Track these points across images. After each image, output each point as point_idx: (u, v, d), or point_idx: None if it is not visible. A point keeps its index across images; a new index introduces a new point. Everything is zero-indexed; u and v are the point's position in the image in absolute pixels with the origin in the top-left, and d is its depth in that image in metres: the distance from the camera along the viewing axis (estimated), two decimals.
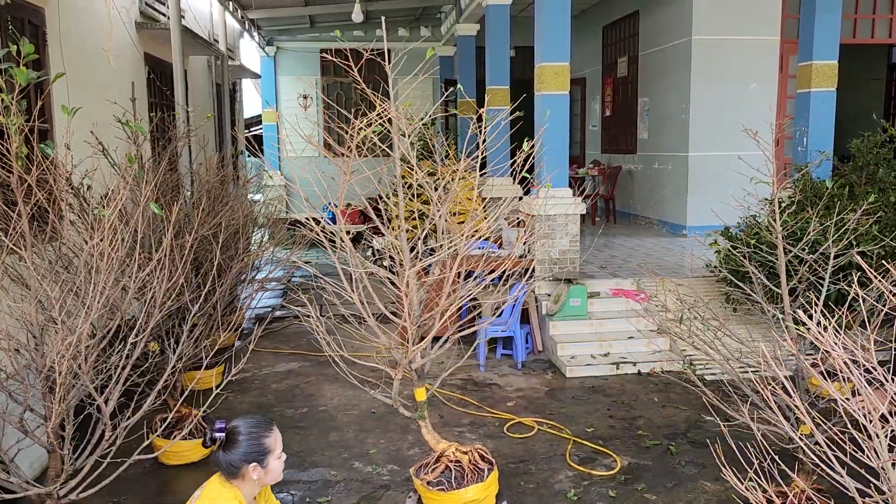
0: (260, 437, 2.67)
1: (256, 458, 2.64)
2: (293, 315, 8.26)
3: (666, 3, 10.57)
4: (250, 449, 2.63)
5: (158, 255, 3.43)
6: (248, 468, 2.63)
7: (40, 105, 3.63)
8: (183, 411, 4.65)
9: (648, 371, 6.36)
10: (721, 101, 9.93)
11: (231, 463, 2.62)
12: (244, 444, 2.63)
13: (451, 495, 3.67)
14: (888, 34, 11.10)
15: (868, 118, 8.74)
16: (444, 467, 3.80)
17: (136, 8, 7.59)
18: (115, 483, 3.29)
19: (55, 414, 3.02)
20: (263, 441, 2.67)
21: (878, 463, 1.69)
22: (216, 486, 2.65)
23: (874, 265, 3.06)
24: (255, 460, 2.63)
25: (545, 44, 7.24)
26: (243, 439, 2.63)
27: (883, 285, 1.99)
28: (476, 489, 3.70)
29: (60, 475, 3.14)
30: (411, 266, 3.60)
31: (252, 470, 2.63)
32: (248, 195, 7.71)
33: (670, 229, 10.67)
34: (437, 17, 14.17)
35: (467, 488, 3.68)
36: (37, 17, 5.27)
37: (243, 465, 2.62)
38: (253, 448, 2.64)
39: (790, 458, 3.42)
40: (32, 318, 3.13)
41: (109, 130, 5.34)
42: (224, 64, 11.12)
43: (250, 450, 2.63)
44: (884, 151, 6.96)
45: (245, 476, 2.64)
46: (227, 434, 2.65)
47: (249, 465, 2.63)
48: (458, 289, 3.83)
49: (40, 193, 3.30)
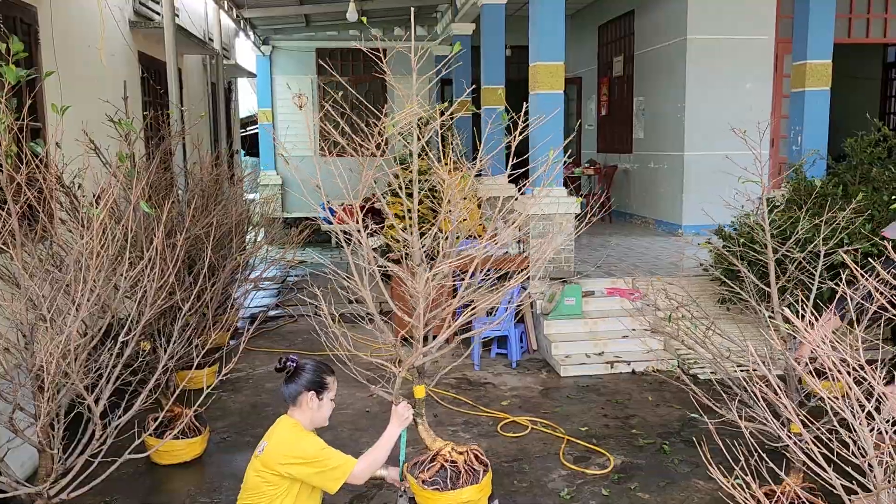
0: (322, 373, 3.09)
1: (315, 388, 3.04)
2: (288, 315, 8.26)
3: (661, 3, 10.58)
4: (313, 378, 3.05)
5: (149, 254, 3.43)
6: (306, 396, 3.02)
7: (30, 103, 3.62)
8: (175, 410, 4.64)
9: (643, 370, 6.37)
10: (716, 101, 9.93)
11: (295, 390, 3.03)
12: (308, 374, 3.05)
13: (447, 495, 3.67)
14: (883, 34, 11.12)
15: (862, 117, 8.75)
16: (439, 466, 3.79)
17: (129, 7, 7.57)
18: (106, 482, 3.28)
19: (45, 413, 3.02)
20: (325, 377, 3.10)
21: (864, 461, 1.69)
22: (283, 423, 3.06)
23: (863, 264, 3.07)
24: (314, 389, 3.04)
25: (540, 43, 7.24)
26: (307, 371, 3.06)
27: (870, 283, 1.99)
28: (471, 491, 3.68)
29: (51, 475, 3.13)
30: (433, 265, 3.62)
31: (310, 399, 3.03)
32: (242, 194, 7.70)
33: (666, 228, 10.68)
34: (433, 16, 14.16)
35: (462, 490, 3.67)
36: (29, 15, 5.25)
37: (303, 391, 3.02)
38: (315, 378, 3.05)
39: (781, 457, 3.43)
40: (22, 317, 3.12)
41: (102, 129, 5.33)
42: (219, 63, 11.10)
43: (312, 378, 3.04)
44: (877, 150, 6.97)
45: (303, 405, 3.04)
46: (297, 367, 3.06)
47: (308, 393, 3.02)
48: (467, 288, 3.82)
49: (30, 192, 3.28)
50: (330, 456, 2.99)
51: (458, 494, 3.65)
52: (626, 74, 12.13)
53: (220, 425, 5.23)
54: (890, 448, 1.75)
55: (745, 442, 2.74)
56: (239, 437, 5.08)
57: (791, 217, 5.72)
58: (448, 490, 3.66)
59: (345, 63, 15.20)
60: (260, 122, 15.73)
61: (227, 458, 4.77)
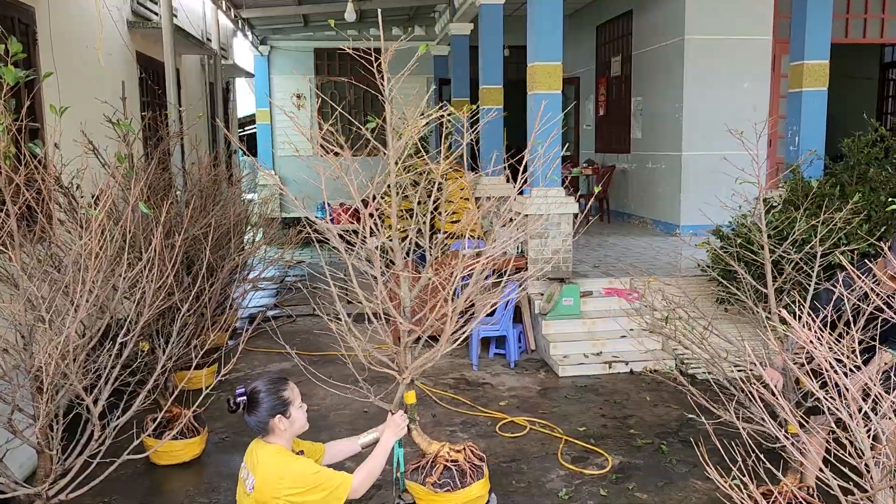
0: (278, 392, 2.90)
1: (279, 411, 2.87)
2: (287, 314, 8.26)
3: (659, 3, 10.59)
4: (272, 403, 2.87)
5: (148, 255, 3.43)
6: (274, 421, 2.87)
7: (29, 104, 3.63)
8: (174, 411, 4.64)
9: (640, 370, 6.38)
10: (714, 101, 9.95)
11: (259, 421, 2.87)
12: (265, 401, 2.87)
13: (458, 495, 3.73)
14: (880, 34, 11.14)
15: (859, 117, 8.77)
16: (442, 468, 3.84)
17: (127, 7, 7.57)
18: (105, 483, 3.28)
19: (44, 414, 3.02)
20: (282, 394, 2.91)
21: (861, 462, 1.70)
22: (263, 452, 2.88)
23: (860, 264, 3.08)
24: (279, 412, 2.87)
25: (538, 43, 7.24)
26: (263, 397, 2.87)
27: (865, 284, 2.00)
28: (479, 485, 3.77)
29: (50, 475, 3.13)
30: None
31: (279, 422, 2.87)
32: (240, 194, 7.70)
33: (664, 228, 10.69)
34: (431, 16, 14.16)
35: (471, 486, 3.74)
36: (27, 15, 5.25)
37: (269, 419, 2.86)
38: (274, 402, 2.87)
39: (778, 457, 3.44)
40: (21, 318, 3.12)
41: (100, 130, 5.33)
42: (217, 63, 11.09)
43: (272, 404, 2.87)
44: (875, 151, 6.98)
45: (275, 430, 2.88)
46: (249, 396, 2.89)
47: (275, 419, 2.86)
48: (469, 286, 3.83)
49: (29, 193, 3.29)
50: (329, 476, 2.89)
51: (468, 492, 3.73)
52: (623, 74, 12.14)
53: (219, 425, 5.23)
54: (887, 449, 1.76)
55: (742, 442, 2.75)
56: (237, 437, 5.08)
57: (788, 217, 5.74)
58: (459, 489, 3.72)
59: (343, 63, 15.19)
60: (258, 122, 15.72)
61: (225, 459, 4.77)
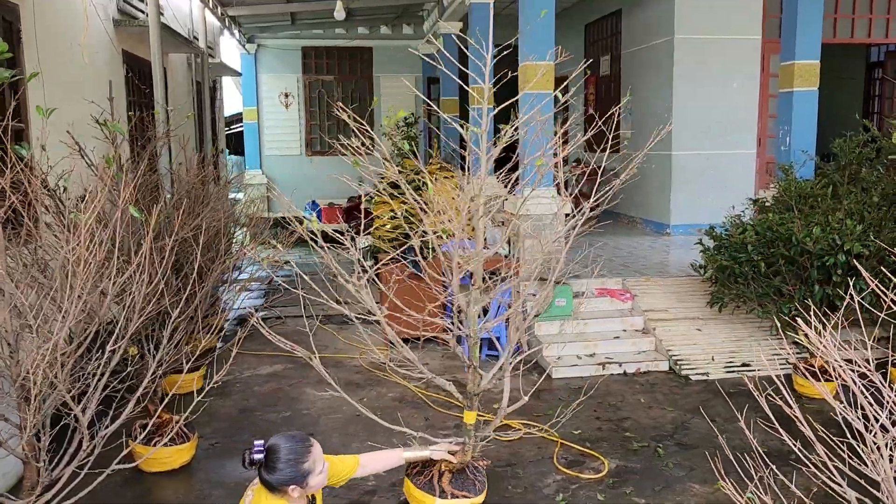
0: (298, 463, 2.59)
1: (296, 482, 2.59)
2: (276, 316, 8.16)
3: (649, 2, 10.58)
4: (289, 475, 2.57)
5: (137, 260, 3.35)
6: (288, 489, 2.60)
7: (15, 104, 3.53)
8: (164, 417, 4.55)
9: (634, 371, 6.35)
10: (704, 100, 9.95)
11: (271, 483, 2.59)
12: (283, 471, 2.57)
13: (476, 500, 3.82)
14: (867, 34, 11.19)
15: (847, 117, 8.80)
16: (450, 475, 3.84)
17: (113, 5, 7.45)
18: (93, 493, 3.20)
19: (30, 424, 2.93)
20: (302, 465, 2.60)
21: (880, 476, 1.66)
22: (263, 499, 2.63)
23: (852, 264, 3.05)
24: (295, 483, 2.59)
25: (529, 42, 7.19)
26: (282, 466, 2.57)
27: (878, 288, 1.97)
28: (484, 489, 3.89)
29: (36, 487, 3.05)
30: None
31: (292, 491, 2.60)
32: (228, 195, 7.60)
33: (654, 228, 10.68)
34: (420, 14, 14.09)
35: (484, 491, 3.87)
36: (11, 13, 5.13)
37: (284, 486, 2.59)
38: (292, 474, 2.58)
39: (781, 461, 3.40)
40: (7, 325, 3.03)
41: (87, 130, 5.22)
42: (204, 62, 10.97)
43: (289, 476, 2.57)
44: (866, 151, 6.99)
45: (287, 494, 2.61)
46: (267, 454, 2.59)
47: (289, 487, 2.59)
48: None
49: (14, 196, 3.20)
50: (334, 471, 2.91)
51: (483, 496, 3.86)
52: (613, 73, 12.12)
53: (208, 431, 5.14)
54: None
55: (741, 445, 2.71)
56: (228, 442, 5.00)
57: (782, 217, 5.73)
58: (480, 494, 3.86)
59: (330, 61, 15.09)
60: (245, 120, 15.59)
61: (215, 465, 4.69)
